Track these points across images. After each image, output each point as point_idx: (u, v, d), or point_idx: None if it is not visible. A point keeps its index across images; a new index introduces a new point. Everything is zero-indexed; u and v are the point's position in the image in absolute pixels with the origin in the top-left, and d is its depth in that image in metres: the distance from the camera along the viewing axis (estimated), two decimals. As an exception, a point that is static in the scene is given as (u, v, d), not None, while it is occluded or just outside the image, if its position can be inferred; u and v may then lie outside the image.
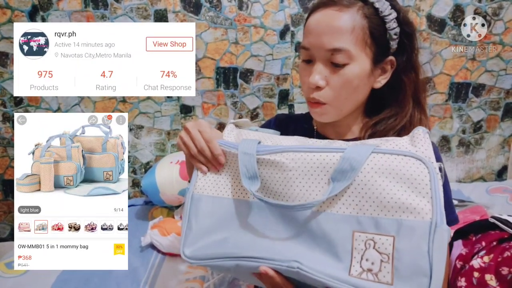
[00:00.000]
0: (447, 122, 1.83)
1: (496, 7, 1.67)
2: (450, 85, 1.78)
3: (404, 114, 0.68)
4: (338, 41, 0.61)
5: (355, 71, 0.63)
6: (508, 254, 0.68)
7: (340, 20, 0.61)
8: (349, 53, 0.61)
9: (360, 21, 0.61)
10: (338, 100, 0.65)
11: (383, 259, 0.47)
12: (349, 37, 0.61)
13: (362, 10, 0.62)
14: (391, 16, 0.63)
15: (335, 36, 0.61)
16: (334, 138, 0.74)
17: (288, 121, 0.84)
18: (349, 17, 0.61)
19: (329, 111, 0.67)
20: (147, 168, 1.91)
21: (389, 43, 0.64)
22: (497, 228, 0.76)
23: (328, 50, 0.62)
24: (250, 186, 0.56)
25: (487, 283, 0.68)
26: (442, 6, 1.68)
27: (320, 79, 0.63)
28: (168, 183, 1.58)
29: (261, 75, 1.78)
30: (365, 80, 0.65)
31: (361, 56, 0.63)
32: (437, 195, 0.48)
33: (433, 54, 1.74)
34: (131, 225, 1.57)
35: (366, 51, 0.63)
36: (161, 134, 1.87)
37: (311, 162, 0.55)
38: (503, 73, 1.75)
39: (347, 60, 0.62)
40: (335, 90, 0.64)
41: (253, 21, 1.71)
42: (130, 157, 1.90)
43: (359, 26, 0.61)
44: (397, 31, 0.64)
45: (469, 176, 1.89)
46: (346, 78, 0.63)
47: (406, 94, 0.68)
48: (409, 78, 0.67)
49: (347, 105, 0.67)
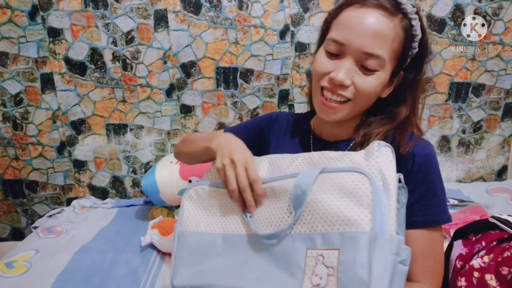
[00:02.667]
0: (447, 122, 1.83)
1: (496, 7, 1.67)
2: (450, 85, 1.78)
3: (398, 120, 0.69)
4: (378, 47, 0.60)
5: (381, 79, 0.63)
6: (508, 254, 0.68)
7: (386, 27, 0.60)
8: (383, 62, 0.61)
9: (400, 33, 0.62)
10: (356, 102, 0.65)
11: (329, 273, 0.48)
12: (389, 46, 0.61)
13: (403, 22, 0.62)
14: (418, 36, 0.64)
15: (376, 42, 0.60)
16: (329, 138, 0.75)
17: (288, 121, 0.85)
18: (393, 26, 0.61)
19: (342, 110, 0.66)
20: (147, 168, 1.91)
21: (406, 60, 0.66)
22: (497, 228, 0.76)
23: (365, 53, 0.60)
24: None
25: (487, 283, 0.68)
26: (442, 6, 1.68)
27: (347, 77, 0.62)
28: (168, 183, 1.58)
29: (261, 75, 1.78)
30: (381, 89, 0.66)
31: (389, 66, 0.63)
32: (377, 206, 0.49)
33: (433, 54, 1.74)
34: (131, 225, 1.58)
35: (393, 63, 0.64)
36: (161, 134, 1.87)
37: (273, 191, 0.59)
38: (503, 73, 1.75)
39: (378, 67, 0.62)
40: (357, 91, 0.63)
41: (253, 21, 1.71)
42: (130, 157, 1.90)
43: (399, 37, 0.62)
44: (416, 50, 0.66)
45: (469, 176, 1.89)
46: (372, 84, 0.63)
47: (406, 105, 0.69)
48: (411, 95, 0.69)
49: (361, 107, 0.68)
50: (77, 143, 1.88)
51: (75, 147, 1.89)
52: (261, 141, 0.86)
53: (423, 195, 0.64)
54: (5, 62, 1.76)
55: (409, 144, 0.66)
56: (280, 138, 0.83)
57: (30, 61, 1.76)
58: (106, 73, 1.78)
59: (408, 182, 0.64)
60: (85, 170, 1.92)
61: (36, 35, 1.73)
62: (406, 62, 0.66)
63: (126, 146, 1.88)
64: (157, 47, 1.75)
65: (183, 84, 1.80)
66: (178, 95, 1.81)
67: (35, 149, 1.88)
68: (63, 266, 1.26)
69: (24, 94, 1.80)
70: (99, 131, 1.87)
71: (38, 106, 1.82)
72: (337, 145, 0.74)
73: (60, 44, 1.74)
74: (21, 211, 1.98)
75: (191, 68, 1.77)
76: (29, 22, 1.71)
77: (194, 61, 1.77)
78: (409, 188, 0.64)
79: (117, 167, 1.92)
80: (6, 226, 2.01)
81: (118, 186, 1.95)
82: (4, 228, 2.01)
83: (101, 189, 1.96)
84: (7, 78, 1.78)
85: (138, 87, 1.80)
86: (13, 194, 1.95)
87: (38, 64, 1.77)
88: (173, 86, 1.80)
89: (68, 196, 1.97)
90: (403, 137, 0.67)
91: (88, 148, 1.89)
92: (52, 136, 1.87)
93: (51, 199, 1.97)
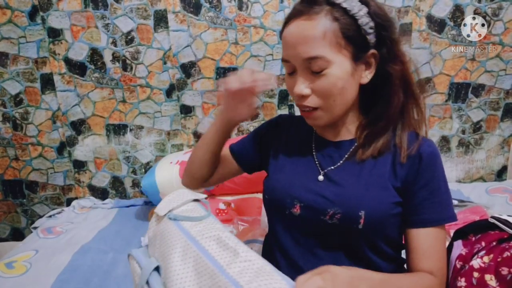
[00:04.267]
0: (446, 122, 1.83)
1: (496, 7, 1.67)
2: (450, 85, 1.78)
3: (394, 106, 0.68)
4: (312, 49, 0.62)
5: (335, 74, 0.63)
6: (508, 254, 0.68)
7: (310, 28, 0.62)
8: (325, 59, 0.62)
9: (330, 25, 0.62)
10: (326, 103, 0.66)
11: None
12: (322, 43, 0.62)
13: (330, 14, 0.62)
14: (361, 12, 0.63)
15: (308, 45, 0.62)
16: (332, 139, 0.75)
17: (289, 123, 0.85)
18: (318, 24, 0.62)
19: (320, 115, 0.68)
20: (147, 168, 1.91)
21: (366, 38, 0.64)
22: (497, 228, 0.76)
23: (305, 60, 0.63)
24: None
25: (487, 283, 0.68)
26: (442, 6, 1.68)
27: (304, 88, 0.65)
28: (168, 183, 1.58)
29: (261, 75, 1.78)
30: (349, 80, 0.65)
31: (338, 58, 0.63)
32: None
33: (433, 54, 1.74)
34: (131, 225, 1.58)
35: (343, 52, 0.64)
36: (161, 134, 1.87)
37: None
38: (503, 73, 1.76)
39: (325, 65, 0.63)
40: (320, 96, 0.66)
41: (253, 21, 1.71)
42: (130, 158, 1.90)
43: (330, 30, 0.62)
44: (372, 25, 0.64)
45: (468, 176, 1.89)
46: (328, 83, 0.64)
47: (393, 85, 0.67)
48: (394, 69, 0.67)
49: (337, 107, 0.67)
50: (77, 143, 1.88)
51: (75, 148, 1.89)
52: (261, 148, 0.87)
53: (430, 193, 0.66)
54: (5, 63, 1.76)
55: (414, 146, 0.66)
56: (282, 140, 0.83)
57: (30, 62, 1.76)
58: (106, 73, 1.78)
59: (415, 182, 0.66)
60: (85, 171, 1.92)
61: (36, 35, 1.73)
62: (369, 39, 0.65)
63: (126, 146, 1.88)
64: (157, 48, 1.75)
65: (183, 84, 1.80)
66: (178, 95, 1.81)
67: (35, 149, 1.88)
68: (63, 266, 1.26)
69: (24, 95, 1.80)
70: (99, 131, 1.87)
71: (38, 107, 1.82)
72: (340, 145, 0.73)
73: (60, 44, 1.74)
74: (21, 212, 1.98)
75: (191, 68, 1.77)
76: (29, 22, 1.71)
77: (194, 62, 1.77)
78: (416, 188, 0.66)
79: (117, 167, 1.92)
80: (6, 226, 2.01)
81: (118, 186, 1.95)
82: (4, 228, 2.01)
83: (101, 189, 1.96)
84: (7, 78, 1.78)
85: (138, 87, 1.80)
86: (13, 195, 1.95)
87: (38, 64, 1.77)
88: (173, 87, 1.80)
89: (68, 196, 1.97)
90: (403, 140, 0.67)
91: (88, 149, 1.89)
92: (52, 136, 1.87)
93: (51, 200, 1.97)
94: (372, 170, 0.68)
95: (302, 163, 0.76)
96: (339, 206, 0.65)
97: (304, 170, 0.74)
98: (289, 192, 0.72)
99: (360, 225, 0.64)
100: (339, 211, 0.65)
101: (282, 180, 0.75)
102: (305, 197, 0.70)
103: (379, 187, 0.66)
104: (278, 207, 0.74)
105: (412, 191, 0.66)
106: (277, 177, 0.77)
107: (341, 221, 0.65)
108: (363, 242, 0.66)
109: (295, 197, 0.71)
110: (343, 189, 0.68)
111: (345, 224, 0.65)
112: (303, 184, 0.72)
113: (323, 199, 0.67)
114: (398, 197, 0.67)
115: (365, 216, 0.64)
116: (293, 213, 0.71)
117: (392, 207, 0.66)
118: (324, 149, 0.75)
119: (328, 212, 0.66)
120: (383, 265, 0.69)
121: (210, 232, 0.60)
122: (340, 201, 0.66)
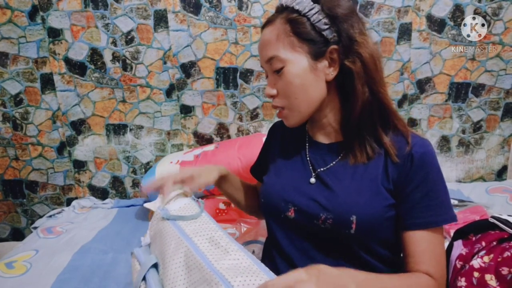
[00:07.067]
0: (447, 122, 1.83)
1: (496, 7, 1.67)
2: (450, 85, 1.78)
3: (359, 104, 0.65)
4: (269, 51, 0.68)
5: (292, 71, 0.66)
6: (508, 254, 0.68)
7: (268, 33, 0.69)
8: (279, 58, 0.66)
9: (282, 27, 0.66)
10: (289, 102, 0.69)
11: None
12: (276, 44, 0.67)
13: (285, 18, 0.66)
14: (313, 11, 0.65)
15: (266, 48, 0.69)
16: (324, 141, 0.75)
17: (280, 129, 0.87)
18: (273, 29, 0.68)
19: (288, 114, 0.71)
20: (147, 168, 1.91)
21: (323, 35, 0.65)
22: (497, 228, 0.76)
23: (266, 62, 0.69)
24: None
25: (487, 283, 0.67)
26: (442, 6, 1.68)
27: (270, 88, 0.71)
28: (168, 183, 1.57)
29: (261, 75, 1.78)
30: (309, 77, 0.66)
31: (293, 56, 0.66)
32: None
33: (433, 54, 1.74)
34: (131, 225, 1.58)
35: (298, 50, 0.66)
36: (161, 134, 1.87)
37: None
38: (503, 73, 1.76)
39: (281, 64, 0.67)
40: (282, 93, 0.69)
41: (253, 21, 1.71)
42: (130, 157, 1.90)
43: (282, 32, 0.66)
44: (326, 21, 0.64)
45: (469, 176, 1.89)
46: (286, 80, 0.67)
47: (355, 81, 0.64)
48: (354, 64, 0.64)
49: (301, 104, 0.68)
50: (77, 143, 1.88)
51: (75, 147, 1.89)
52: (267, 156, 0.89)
53: (424, 196, 0.64)
54: (5, 62, 1.76)
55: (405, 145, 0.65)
56: (277, 145, 0.85)
57: (30, 61, 1.76)
58: (106, 73, 1.78)
59: (407, 183, 0.64)
60: (85, 170, 1.92)
61: (36, 35, 1.73)
62: (326, 36, 0.64)
63: (126, 146, 1.88)
64: (157, 47, 1.75)
65: (183, 84, 1.80)
66: (178, 95, 1.81)
67: (35, 149, 1.88)
68: (63, 266, 1.26)
69: (24, 94, 1.80)
70: (99, 131, 1.87)
71: (38, 106, 1.82)
72: (333, 147, 0.73)
73: (60, 44, 1.74)
74: (21, 211, 1.98)
75: (191, 68, 1.77)
76: (29, 22, 1.71)
77: (194, 61, 1.77)
78: (408, 190, 0.64)
79: (117, 167, 1.92)
80: (6, 226, 2.01)
81: (118, 186, 1.95)
82: (4, 228, 2.01)
83: (101, 189, 1.96)
84: (7, 78, 1.78)
85: (138, 87, 1.80)
86: (13, 194, 1.95)
87: (38, 64, 1.77)
88: (173, 86, 1.80)
89: (68, 196, 1.97)
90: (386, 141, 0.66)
91: (88, 148, 1.89)
92: (52, 136, 1.87)
93: (51, 199, 1.97)
94: (364, 173, 0.67)
95: (296, 166, 0.76)
96: (330, 211, 0.65)
97: (298, 173, 0.75)
98: (283, 196, 0.73)
99: (352, 230, 0.64)
100: (331, 216, 0.65)
101: (276, 184, 0.76)
102: (298, 201, 0.70)
103: (371, 191, 0.65)
104: (273, 211, 0.74)
105: (404, 193, 0.65)
106: (272, 182, 0.78)
107: (333, 226, 0.65)
108: (357, 246, 0.66)
109: (289, 201, 0.71)
110: (335, 194, 0.67)
111: (337, 229, 0.65)
112: (297, 187, 0.72)
113: (315, 204, 0.68)
114: (391, 199, 0.66)
115: (357, 221, 0.63)
116: (288, 217, 0.71)
117: (385, 210, 0.65)
118: (317, 151, 0.75)
119: (320, 216, 0.66)
120: (381, 266, 0.69)
121: (204, 231, 0.62)
122: (332, 207, 0.66)
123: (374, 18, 1.70)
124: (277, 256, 0.74)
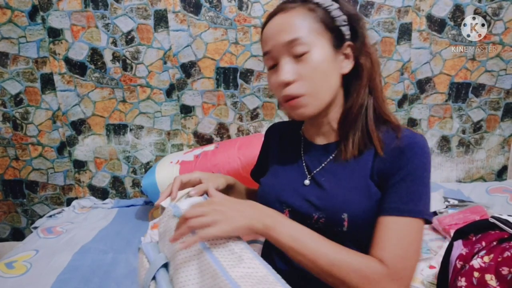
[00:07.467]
0: (447, 122, 1.83)
1: (496, 7, 1.67)
2: (450, 85, 1.78)
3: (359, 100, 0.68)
4: (291, 33, 0.64)
5: (318, 56, 0.65)
6: (508, 254, 0.68)
7: (288, 17, 0.66)
8: (302, 41, 0.64)
9: (308, 14, 0.65)
10: (313, 87, 0.66)
11: None
12: (300, 27, 0.64)
13: (306, 6, 0.66)
14: (333, 7, 0.66)
15: (287, 30, 0.65)
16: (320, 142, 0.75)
17: (277, 131, 0.87)
18: (296, 13, 0.66)
19: (307, 101, 0.66)
20: (147, 168, 1.91)
21: (341, 30, 0.67)
22: (497, 228, 0.76)
23: (286, 44, 0.65)
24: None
25: (487, 283, 0.68)
26: (442, 6, 1.68)
27: (287, 73, 0.65)
28: (168, 183, 1.57)
29: (261, 75, 1.78)
30: (332, 65, 0.66)
31: (318, 41, 0.65)
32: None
33: (433, 54, 1.74)
34: (131, 225, 1.58)
35: (323, 37, 0.65)
36: (161, 134, 1.87)
37: None
38: (503, 73, 1.76)
39: (306, 48, 0.64)
40: (306, 79, 0.65)
41: (253, 21, 1.71)
42: (130, 157, 1.90)
43: (308, 17, 0.65)
44: (345, 18, 0.67)
45: (469, 176, 1.89)
46: (313, 64, 0.65)
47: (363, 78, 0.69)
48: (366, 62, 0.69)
49: (322, 92, 0.67)
50: (77, 143, 1.88)
51: (75, 147, 1.89)
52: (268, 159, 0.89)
53: (400, 180, 0.62)
54: (5, 62, 1.76)
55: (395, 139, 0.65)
56: (274, 148, 0.85)
57: (30, 61, 1.76)
58: (106, 73, 1.78)
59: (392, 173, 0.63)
60: (85, 170, 1.92)
61: (36, 35, 1.73)
62: (343, 31, 0.67)
63: (126, 146, 1.89)
64: (157, 47, 1.75)
65: (183, 84, 1.80)
66: (178, 95, 1.81)
67: (35, 149, 1.88)
68: (63, 266, 1.26)
69: (24, 94, 1.80)
70: (99, 131, 1.87)
71: (38, 106, 1.82)
72: (328, 147, 0.73)
73: (60, 44, 1.74)
74: (21, 211, 1.98)
75: (191, 68, 1.77)
76: (29, 22, 1.71)
77: (194, 61, 1.77)
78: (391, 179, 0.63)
79: (117, 167, 1.92)
80: (6, 226, 2.01)
81: (118, 186, 1.95)
82: (4, 228, 2.01)
83: (101, 189, 1.96)
84: (7, 78, 1.78)
85: (138, 87, 1.80)
86: (13, 194, 1.95)
87: (38, 64, 1.77)
88: (173, 86, 1.80)
89: (68, 196, 1.97)
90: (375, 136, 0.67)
91: (88, 148, 1.89)
92: (52, 136, 1.87)
93: (51, 199, 1.97)
94: (355, 170, 0.67)
95: (292, 167, 0.76)
96: (322, 211, 0.65)
97: (293, 174, 0.75)
98: (278, 197, 0.73)
99: (344, 227, 0.63)
100: (323, 215, 0.65)
101: (272, 185, 0.76)
102: (291, 202, 0.70)
103: (361, 187, 0.65)
104: None
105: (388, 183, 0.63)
106: (268, 183, 0.78)
107: (326, 225, 0.65)
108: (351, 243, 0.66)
109: (283, 202, 0.72)
110: (327, 193, 0.67)
111: (329, 227, 0.65)
112: (291, 188, 0.72)
113: (308, 204, 0.68)
114: (379, 193, 0.64)
115: (349, 219, 0.63)
116: None
117: (375, 205, 0.64)
118: (312, 152, 0.75)
119: (313, 216, 0.66)
120: None
121: None
122: (323, 205, 0.66)
123: (374, 18, 1.70)
124: (275, 255, 0.75)
